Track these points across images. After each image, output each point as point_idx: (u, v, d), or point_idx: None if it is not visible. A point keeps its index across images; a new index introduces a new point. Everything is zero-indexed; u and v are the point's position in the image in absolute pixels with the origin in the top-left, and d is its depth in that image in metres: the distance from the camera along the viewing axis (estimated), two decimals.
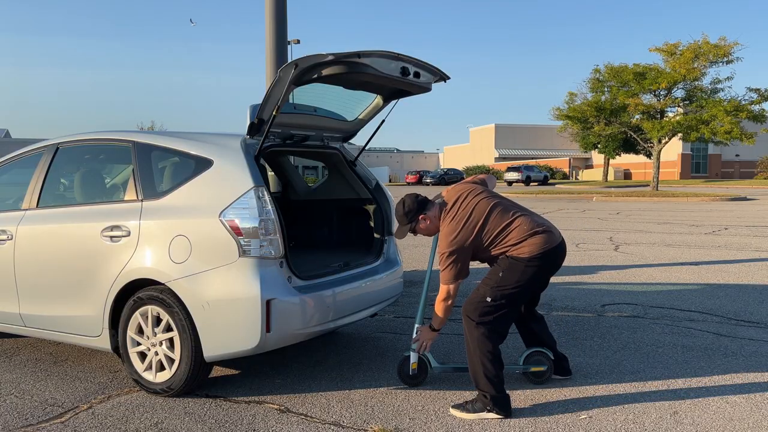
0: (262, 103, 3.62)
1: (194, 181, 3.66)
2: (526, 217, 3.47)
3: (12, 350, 4.62)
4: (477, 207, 3.46)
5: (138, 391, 3.71)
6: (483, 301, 3.37)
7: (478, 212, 3.44)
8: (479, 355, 3.32)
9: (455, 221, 3.45)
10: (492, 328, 3.35)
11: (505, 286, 3.36)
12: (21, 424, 3.29)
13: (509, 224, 3.42)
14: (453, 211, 3.48)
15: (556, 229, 3.54)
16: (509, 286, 3.36)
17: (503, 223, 3.42)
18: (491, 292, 3.37)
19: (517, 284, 3.37)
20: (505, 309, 3.38)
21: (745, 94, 28.73)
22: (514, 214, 3.46)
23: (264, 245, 3.43)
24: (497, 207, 3.47)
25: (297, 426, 3.21)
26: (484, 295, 3.38)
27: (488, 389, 3.28)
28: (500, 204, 3.51)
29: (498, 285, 3.38)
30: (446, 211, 3.51)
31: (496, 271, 3.42)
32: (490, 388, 3.28)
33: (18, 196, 4.41)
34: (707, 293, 6.40)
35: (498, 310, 3.36)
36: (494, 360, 3.32)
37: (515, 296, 3.40)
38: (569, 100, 35.76)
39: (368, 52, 3.48)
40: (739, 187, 38.69)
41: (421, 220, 3.58)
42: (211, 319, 3.42)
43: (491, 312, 3.35)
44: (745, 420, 3.25)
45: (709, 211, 18.14)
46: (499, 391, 3.29)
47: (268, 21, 7.21)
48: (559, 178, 61.99)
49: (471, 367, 3.37)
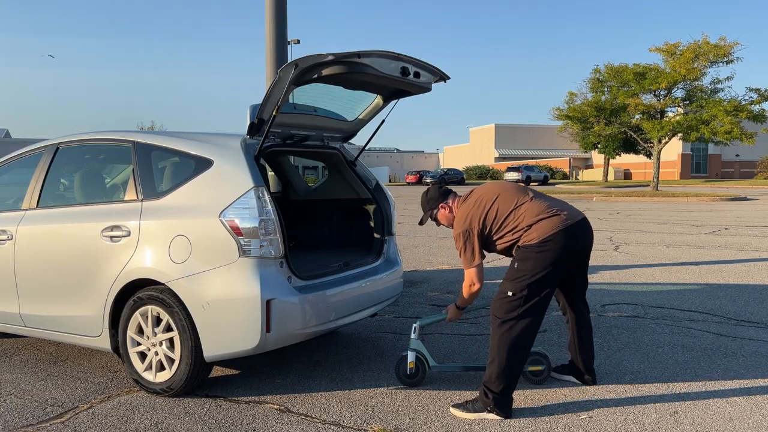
0: (262, 103, 3.62)
1: (194, 181, 3.66)
2: (539, 201, 3.46)
3: (12, 350, 4.62)
4: (489, 189, 3.58)
5: (138, 391, 3.71)
6: (505, 296, 3.32)
7: (489, 193, 3.54)
8: (503, 351, 3.26)
9: (467, 204, 3.56)
10: (518, 323, 3.28)
11: (522, 278, 3.30)
12: (21, 424, 3.29)
13: (518, 207, 3.43)
14: (468, 197, 3.61)
15: (574, 209, 3.53)
16: (526, 276, 3.29)
17: (512, 205, 3.44)
18: (511, 286, 3.31)
19: (534, 272, 3.28)
20: (530, 302, 3.28)
21: (745, 94, 28.75)
22: (525, 197, 3.49)
23: (264, 245, 3.43)
24: (511, 190, 3.54)
25: (297, 426, 3.21)
26: (505, 290, 3.33)
27: (497, 388, 3.25)
28: (516, 188, 3.57)
29: (516, 278, 3.32)
30: (463, 199, 3.64)
31: (512, 264, 3.41)
32: (499, 387, 3.25)
33: (18, 196, 4.41)
34: (707, 293, 6.40)
35: (523, 303, 3.28)
36: (516, 360, 3.27)
37: (536, 286, 3.28)
38: (569, 100, 35.77)
39: (368, 52, 3.48)
40: (739, 187, 38.69)
41: (440, 208, 3.71)
42: (211, 319, 3.42)
43: (515, 307, 3.28)
44: (745, 420, 3.25)
45: (709, 211, 18.15)
46: (505, 393, 3.27)
47: (268, 21, 7.21)
48: (559, 178, 62.01)
49: (490, 363, 3.31)
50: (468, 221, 3.47)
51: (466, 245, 3.46)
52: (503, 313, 3.30)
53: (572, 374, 3.81)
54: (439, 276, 7.39)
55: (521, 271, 3.32)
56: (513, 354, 3.27)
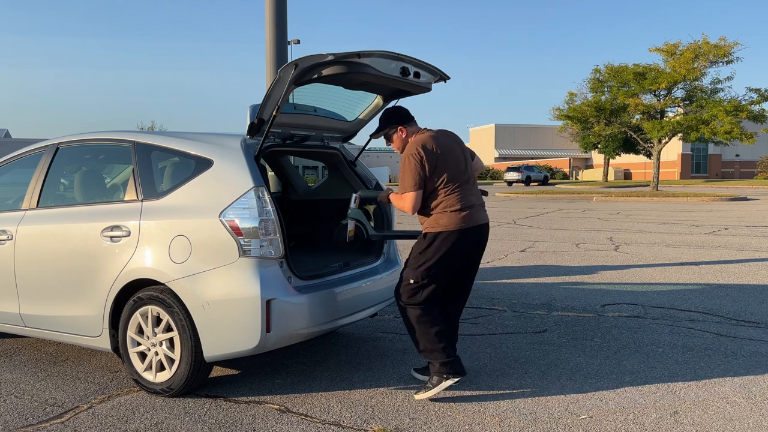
0: (262, 103, 3.62)
1: (194, 181, 3.66)
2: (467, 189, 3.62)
3: (12, 350, 4.62)
4: (452, 149, 3.64)
5: (138, 391, 3.71)
6: (408, 284, 3.56)
7: (450, 153, 3.61)
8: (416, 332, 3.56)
9: (430, 137, 3.60)
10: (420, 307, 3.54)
11: (423, 264, 3.54)
12: (21, 424, 3.29)
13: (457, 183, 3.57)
14: (432, 132, 3.68)
15: (483, 211, 3.70)
16: (427, 263, 3.53)
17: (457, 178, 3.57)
18: (413, 274, 3.55)
19: (434, 260, 3.53)
20: (430, 287, 3.54)
21: (745, 94, 28.71)
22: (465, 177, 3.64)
23: (264, 245, 3.43)
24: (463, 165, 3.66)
25: (297, 426, 3.21)
26: (408, 278, 3.57)
27: (433, 358, 3.51)
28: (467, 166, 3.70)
29: (418, 265, 3.55)
30: (425, 130, 3.71)
31: (414, 250, 3.62)
32: (433, 357, 3.51)
33: (18, 196, 4.41)
34: (707, 293, 6.40)
35: (423, 288, 3.53)
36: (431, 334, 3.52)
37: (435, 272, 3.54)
38: (569, 100, 35.74)
39: (368, 52, 3.48)
40: (739, 187, 38.68)
41: (399, 131, 3.72)
42: (211, 320, 3.42)
43: (416, 293, 3.54)
44: (745, 420, 3.25)
45: (709, 211, 18.15)
46: (449, 356, 3.49)
47: (268, 21, 7.21)
48: (559, 178, 62.01)
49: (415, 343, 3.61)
50: (421, 152, 3.52)
51: (416, 167, 3.50)
52: (406, 298, 3.57)
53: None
54: None
55: (422, 257, 3.55)
56: (426, 331, 3.52)
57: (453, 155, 3.63)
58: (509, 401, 3.52)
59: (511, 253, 9.49)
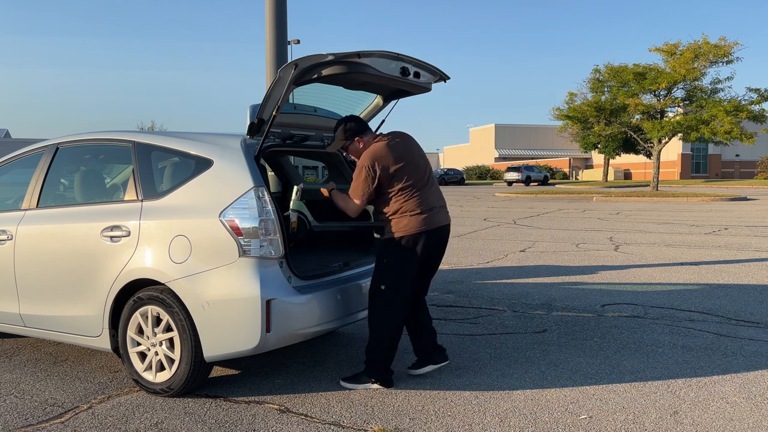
0: (262, 103, 3.62)
1: (194, 181, 3.66)
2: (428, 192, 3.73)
3: (12, 350, 4.62)
4: (409, 153, 3.73)
5: (138, 391, 3.71)
6: (378, 289, 3.70)
7: (408, 157, 3.69)
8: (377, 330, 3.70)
9: (386, 144, 3.69)
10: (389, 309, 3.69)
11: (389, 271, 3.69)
12: (21, 424, 3.29)
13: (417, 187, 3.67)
14: (387, 138, 3.76)
15: (444, 212, 3.81)
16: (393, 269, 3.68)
17: (416, 182, 3.67)
18: (381, 280, 3.69)
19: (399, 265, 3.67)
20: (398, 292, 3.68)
21: (745, 94, 28.67)
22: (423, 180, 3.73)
23: (264, 245, 3.43)
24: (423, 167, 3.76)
25: (297, 426, 3.21)
26: (379, 284, 3.69)
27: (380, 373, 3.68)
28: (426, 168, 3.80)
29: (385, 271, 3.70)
30: (381, 137, 3.79)
31: (380, 258, 3.73)
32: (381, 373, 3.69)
33: (18, 196, 4.41)
34: (707, 293, 6.40)
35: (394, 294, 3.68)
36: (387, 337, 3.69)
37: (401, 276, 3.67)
38: (569, 100, 35.72)
39: (368, 52, 3.48)
40: (739, 187, 38.69)
41: (356, 141, 3.80)
42: (211, 320, 3.42)
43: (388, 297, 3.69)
44: (745, 420, 3.25)
45: (709, 211, 18.15)
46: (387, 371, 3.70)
47: (268, 21, 7.21)
48: (559, 178, 62.01)
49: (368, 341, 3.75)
50: (375, 167, 3.61)
51: (366, 180, 3.62)
52: (377, 302, 3.70)
53: (428, 362, 3.92)
54: (439, 275, 7.38)
55: (388, 262, 3.68)
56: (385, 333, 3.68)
57: (411, 159, 3.72)
58: (509, 401, 3.52)
59: (511, 253, 9.49)
